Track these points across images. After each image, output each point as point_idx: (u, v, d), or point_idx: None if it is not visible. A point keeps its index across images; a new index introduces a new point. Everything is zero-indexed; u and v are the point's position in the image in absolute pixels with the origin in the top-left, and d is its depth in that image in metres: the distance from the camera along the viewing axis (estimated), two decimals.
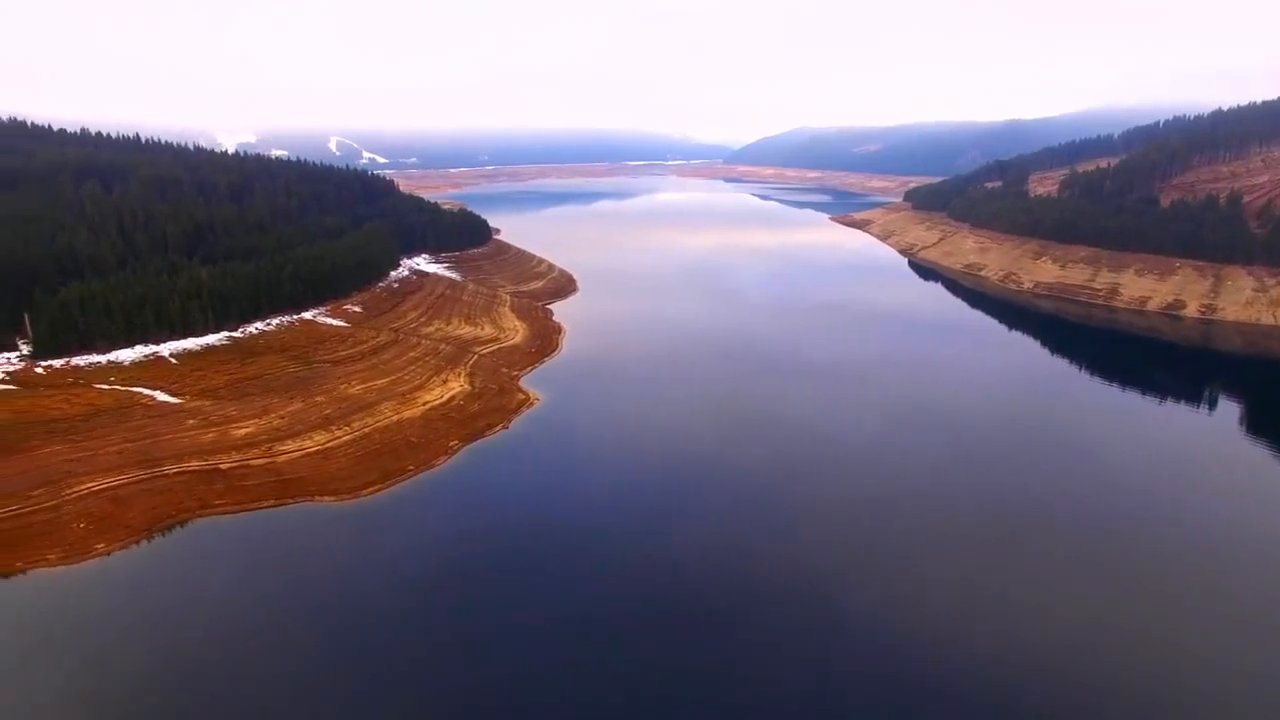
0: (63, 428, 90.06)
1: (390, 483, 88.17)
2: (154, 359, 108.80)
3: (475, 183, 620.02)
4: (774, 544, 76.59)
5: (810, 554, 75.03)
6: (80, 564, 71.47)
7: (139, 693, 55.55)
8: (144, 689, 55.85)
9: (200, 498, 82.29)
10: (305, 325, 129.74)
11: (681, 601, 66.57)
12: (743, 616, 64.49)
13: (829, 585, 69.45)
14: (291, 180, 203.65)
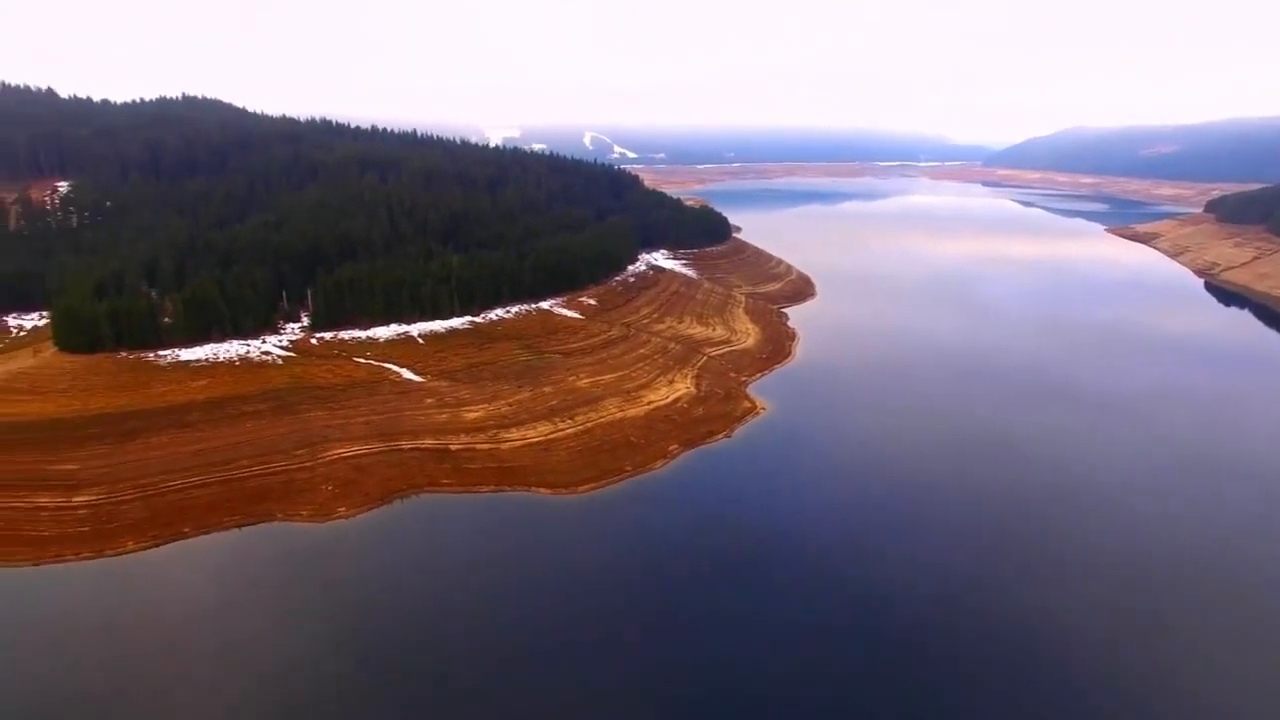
0: (325, 395, 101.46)
1: (606, 481, 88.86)
2: (404, 338, 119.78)
3: (720, 179, 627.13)
4: (992, 591, 67.08)
5: (1033, 613, 64.13)
6: (324, 523, 79.44)
7: (379, 647, 60.04)
8: (386, 644, 60.46)
9: (429, 475, 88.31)
10: (541, 315, 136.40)
11: (893, 633, 59.79)
12: (946, 663, 56.57)
13: (1049, 652, 58.64)
14: (543, 173, 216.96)
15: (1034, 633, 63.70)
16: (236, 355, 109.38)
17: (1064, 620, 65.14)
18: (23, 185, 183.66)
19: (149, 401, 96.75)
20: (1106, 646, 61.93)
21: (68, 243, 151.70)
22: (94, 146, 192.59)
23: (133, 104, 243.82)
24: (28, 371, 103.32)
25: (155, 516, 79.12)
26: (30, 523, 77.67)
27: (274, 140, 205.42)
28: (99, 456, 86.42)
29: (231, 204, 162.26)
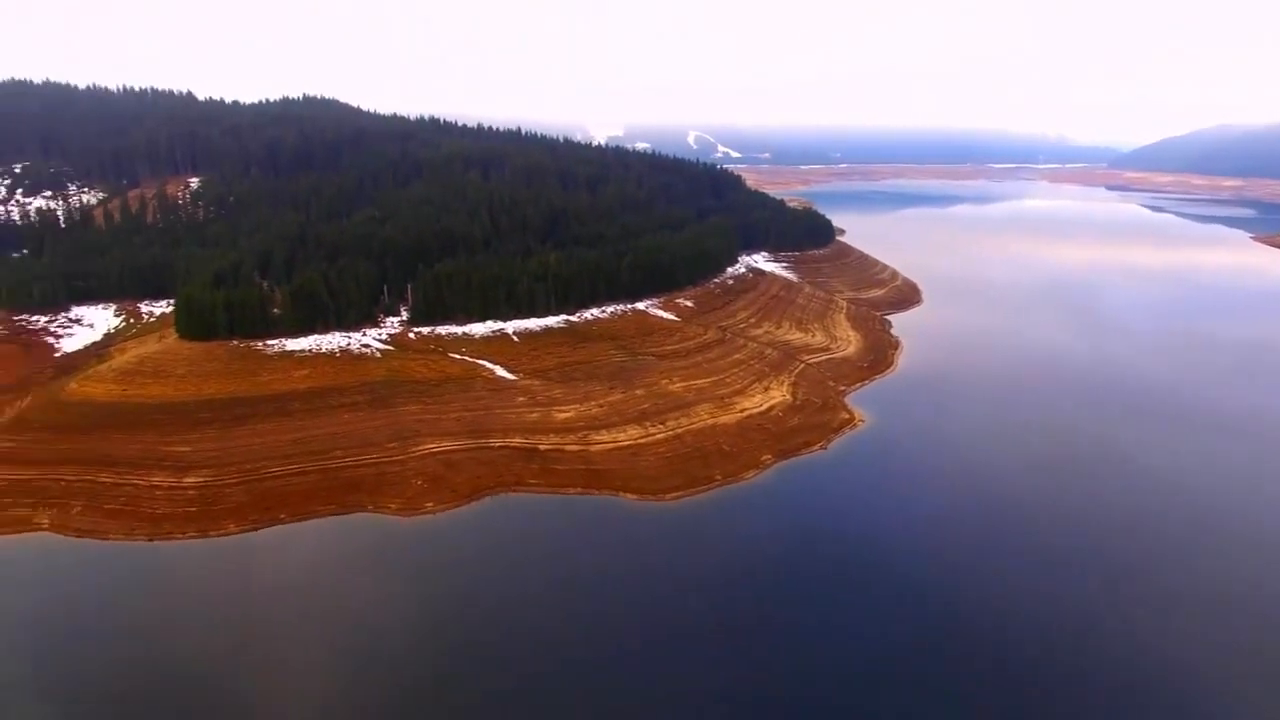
0: (419, 390, 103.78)
1: (695, 489, 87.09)
2: (499, 335, 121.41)
3: (826, 181, 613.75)
4: (1104, 623, 61.95)
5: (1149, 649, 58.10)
6: (412, 517, 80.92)
7: (460, 640, 60.61)
8: (467, 638, 61.17)
9: (517, 474, 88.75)
10: (637, 316, 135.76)
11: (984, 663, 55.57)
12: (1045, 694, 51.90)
13: None
14: (644, 172, 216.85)
15: (1153, 670, 58.07)
16: (338, 347, 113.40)
17: (1187, 661, 59.08)
18: (161, 181, 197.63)
19: (256, 389, 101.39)
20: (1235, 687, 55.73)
21: (194, 235, 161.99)
22: (222, 144, 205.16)
23: (259, 104, 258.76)
24: (152, 356, 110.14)
25: (255, 501, 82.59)
26: (148, 500, 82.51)
27: (384, 138, 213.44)
28: (209, 440, 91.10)
29: (342, 199, 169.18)
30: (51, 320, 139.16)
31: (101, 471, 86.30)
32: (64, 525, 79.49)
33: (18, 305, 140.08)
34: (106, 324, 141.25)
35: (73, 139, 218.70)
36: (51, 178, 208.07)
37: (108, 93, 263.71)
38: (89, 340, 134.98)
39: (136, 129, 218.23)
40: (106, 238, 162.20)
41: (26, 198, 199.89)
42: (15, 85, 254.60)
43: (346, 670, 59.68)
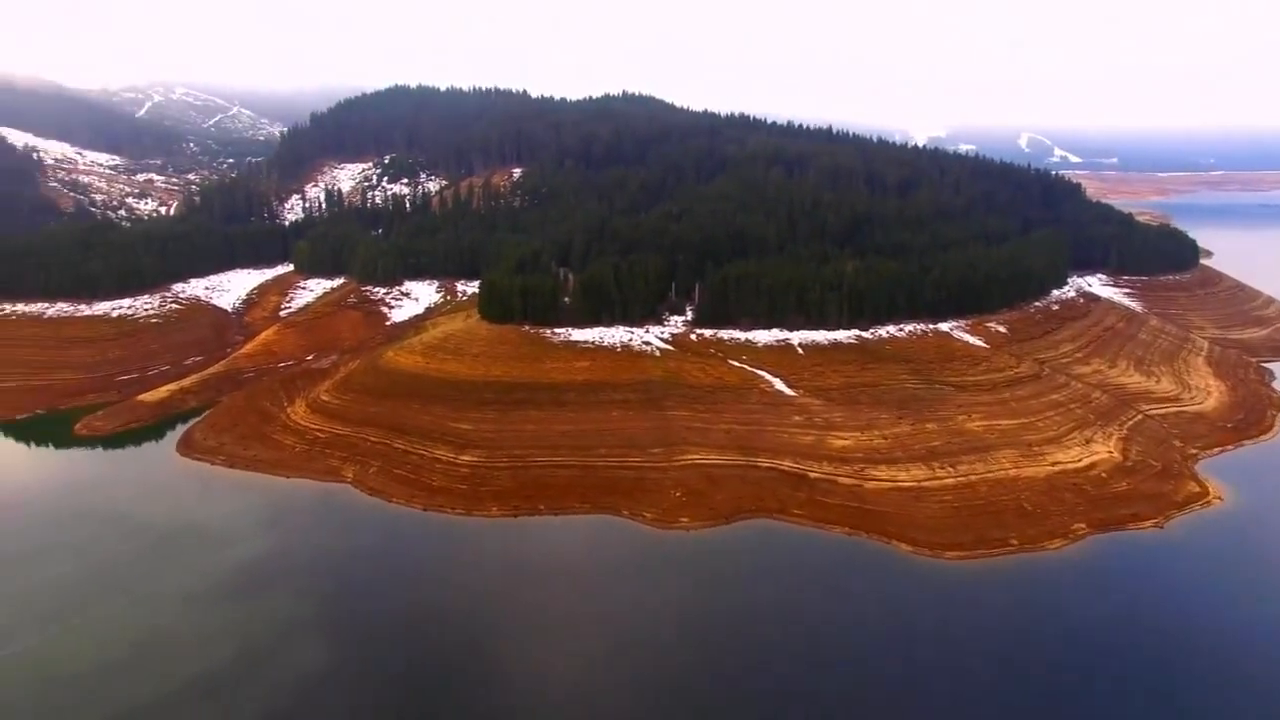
0: (693, 395, 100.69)
1: (982, 551, 73.82)
2: (783, 345, 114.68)
3: (1191, 190, 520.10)
4: None
5: None
6: (665, 529, 77.49)
7: (703, 662, 56.17)
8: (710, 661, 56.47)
9: (781, 501, 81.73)
10: (938, 338, 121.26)
11: None
12: None
13: None
14: (963, 177, 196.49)
15: None
16: (619, 342, 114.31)
17: None
18: (490, 171, 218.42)
19: (538, 376, 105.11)
20: None
21: (510, 221, 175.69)
22: (543, 138, 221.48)
23: (583, 101, 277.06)
24: (455, 333, 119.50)
25: (519, 488, 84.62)
26: (429, 471, 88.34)
27: (692, 133, 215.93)
28: (488, 421, 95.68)
29: (644, 193, 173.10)
30: (388, 292, 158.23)
31: (397, 438, 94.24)
32: (361, 481, 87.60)
33: (367, 277, 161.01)
34: (429, 299, 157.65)
35: (429, 134, 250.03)
36: (409, 168, 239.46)
37: (461, 93, 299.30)
38: (413, 313, 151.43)
39: (476, 124, 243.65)
40: (438, 221, 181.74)
41: (390, 184, 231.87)
42: (395, 90, 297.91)
43: (581, 666, 57.94)
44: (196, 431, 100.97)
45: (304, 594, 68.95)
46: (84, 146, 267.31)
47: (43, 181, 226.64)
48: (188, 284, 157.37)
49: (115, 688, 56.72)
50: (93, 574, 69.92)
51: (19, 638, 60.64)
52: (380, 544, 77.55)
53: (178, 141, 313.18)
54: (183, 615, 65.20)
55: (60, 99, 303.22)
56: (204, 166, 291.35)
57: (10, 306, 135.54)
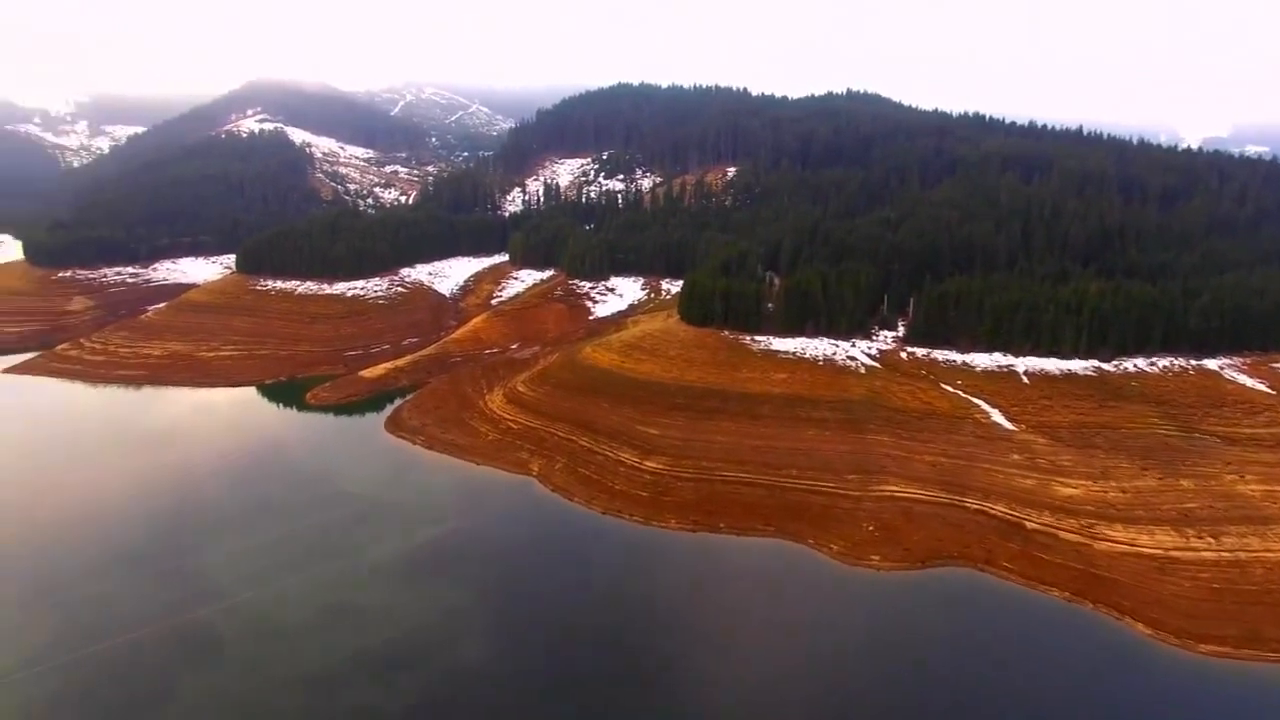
0: (897, 420, 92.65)
1: (1254, 651, 60.88)
2: (1005, 372, 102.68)
3: None
4: None
5: None
6: (851, 565, 71.32)
7: None
8: None
9: (989, 550, 72.58)
10: (1201, 377, 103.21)
11: None
12: None
13: None
14: (1252, 185, 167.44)
15: None
16: (822, 355, 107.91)
17: None
18: (704, 169, 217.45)
19: (732, 384, 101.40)
20: None
21: (720, 220, 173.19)
22: (760, 136, 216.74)
23: (805, 99, 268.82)
24: (653, 333, 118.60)
25: (701, 502, 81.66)
26: (612, 474, 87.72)
27: (919, 133, 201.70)
28: (676, 428, 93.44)
29: (861, 196, 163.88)
30: (594, 287, 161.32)
31: (584, 436, 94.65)
32: (546, 477, 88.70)
33: (575, 271, 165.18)
34: (633, 295, 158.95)
35: (647, 131, 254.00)
36: (626, 164, 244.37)
37: (682, 90, 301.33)
38: (617, 309, 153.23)
39: (694, 121, 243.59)
40: (649, 217, 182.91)
41: (606, 180, 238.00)
42: (618, 88, 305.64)
43: (741, 700, 54.00)
44: (404, 411, 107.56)
45: (478, 582, 70.76)
46: (346, 141, 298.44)
47: (311, 173, 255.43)
48: (414, 269, 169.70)
49: (307, 649, 60.90)
50: (302, 539, 75.53)
51: (234, 593, 66.53)
52: (557, 542, 77.94)
53: (422, 137, 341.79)
54: (371, 587, 68.79)
55: (333, 100, 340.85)
56: (442, 159, 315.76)
57: (272, 283, 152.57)
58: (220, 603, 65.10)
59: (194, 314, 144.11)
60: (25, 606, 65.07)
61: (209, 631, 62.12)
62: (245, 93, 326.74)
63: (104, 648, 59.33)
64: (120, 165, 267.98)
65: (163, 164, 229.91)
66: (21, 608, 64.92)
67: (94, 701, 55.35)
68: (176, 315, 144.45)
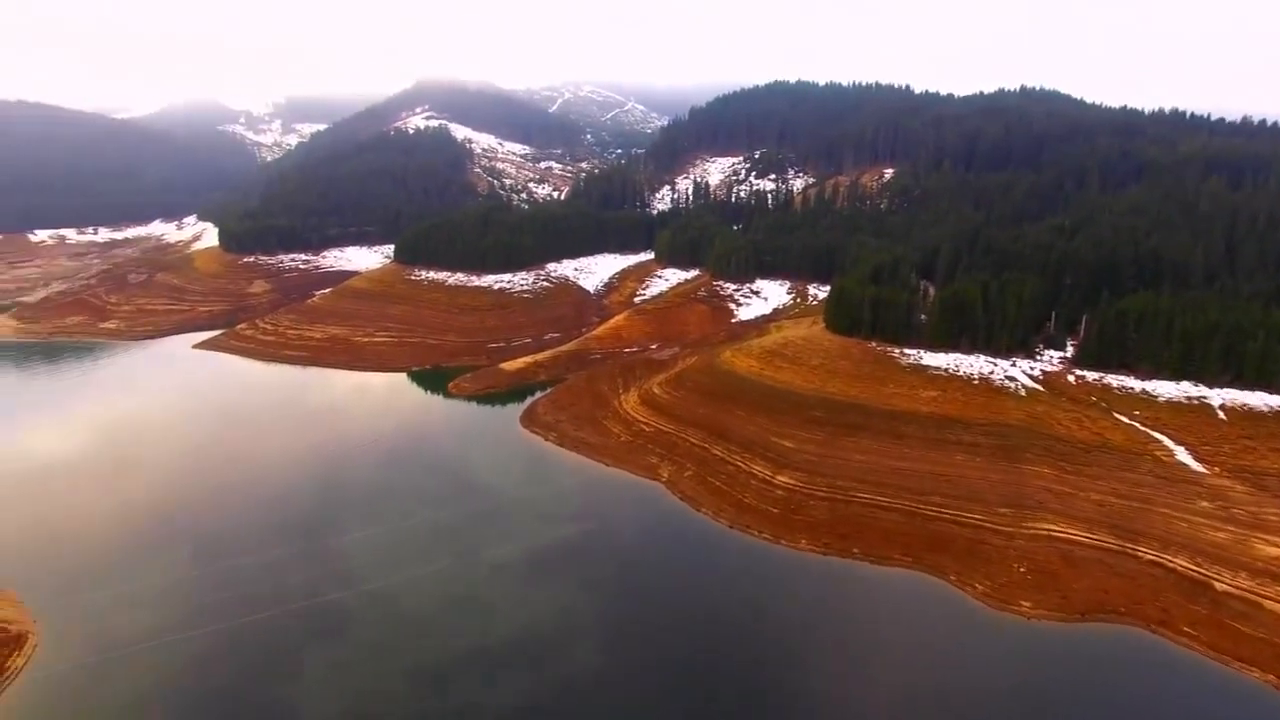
0: (1060, 450, 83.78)
1: None
2: (1195, 405, 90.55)
3: None
4: None
5: None
6: (997, 609, 64.65)
7: None
8: None
9: (1165, 609, 63.76)
10: None
11: None
12: None
13: None
14: None
15: None
16: (977, 373, 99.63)
17: None
18: (860, 170, 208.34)
19: (876, 400, 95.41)
20: None
21: (873, 224, 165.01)
22: (921, 136, 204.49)
23: (972, 96, 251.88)
24: (795, 340, 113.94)
25: (834, 523, 76.89)
26: (742, 486, 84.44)
27: (1100, 133, 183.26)
28: (813, 442, 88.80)
29: (1032, 200, 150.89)
30: (738, 289, 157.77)
31: (717, 444, 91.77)
32: (675, 484, 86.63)
33: (720, 271, 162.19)
34: (778, 299, 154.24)
35: (800, 130, 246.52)
36: (778, 164, 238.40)
37: (839, 88, 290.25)
38: (760, 312, 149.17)
39: (850, 120, 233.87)
40: (798, 219, 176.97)
41: (756, 180, 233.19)
42: (773, 85, 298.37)
43: None
44: (540, 405, 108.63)
45: (599, 586, 69.63)
46: (505, 138, 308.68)
47: (470, 168, 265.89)
48: (560, 264, 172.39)
49: (428, 640, 62.17)
50: (433, 529, 77.37)
51: (366, 579, 68.79)
52: (681, 554, 75.59)
53: (577, 134, 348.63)
54: (494, 583, 69.23)
55: (494, 98, 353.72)
56: (596, 156, 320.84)
57: (425, 273, 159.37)
58: (352, 588, 67.54)
59: (353, 300, 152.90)
60: (182, 573, 69.97)
61: (340, 614, 64.51)
62: (414, 92, 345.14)
63: (245, 622, 62.62)
64: (301, 160, 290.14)
65: (336, 159, 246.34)
66: (179, 574, 69.78)
67: (229, 668, 58.50)
68: (338, 301, 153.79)
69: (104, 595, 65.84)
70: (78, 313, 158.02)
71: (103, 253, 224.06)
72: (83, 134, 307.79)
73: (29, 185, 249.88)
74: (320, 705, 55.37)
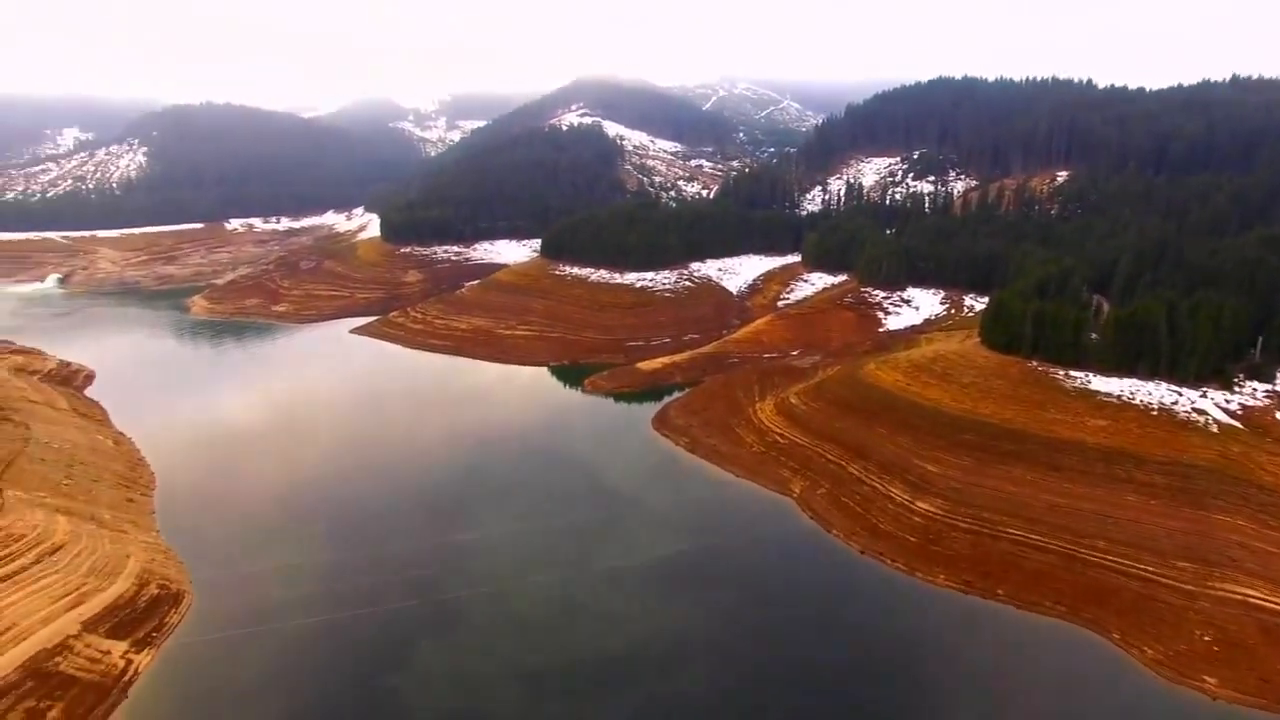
0: (1259, 500, 72.94)
1: None
2: None
3: None
4: None
5: None
6: (1170, 683, 56.44)
7: None
8: None
9: None
10: None
11: None
12: None
13: None
14: None
15: None
16: (1157, 403, 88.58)
17: None
18: (1029, 173, 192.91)
19: (1034, 426, 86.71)
20: None
21: (1040, 233, 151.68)
22: (1102, 135, 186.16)
23: (1166, 90, 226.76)
24: (946, 355, 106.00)
25: (977, 559, 70.28)
26: (878, 509, 79.02)
27: None
28: (959, 468, 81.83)
29: (1236, 208, 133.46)
30: (888, 296, 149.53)
31: (853, 461, 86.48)
32: (806, 501, 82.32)
33: (868, 277, 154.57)
34: (930, 309, 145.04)
35: (965, 129, 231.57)
36: (937, 165, 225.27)
37: (1010, 84, 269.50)
38: (910, 322, 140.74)
39: (1020, 118, 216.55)
40: (956, 224, 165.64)
41: (914, 182, 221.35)
42: (936, 82, 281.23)
43: None
44: (672, 409, 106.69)
45: (718, 604, 66.93)
46: (656, 135, 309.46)
47: (620, 164, 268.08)
48: (703, 263, 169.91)
49: (541, 645, 61.40)
50: (557, 533, 76.75)
51: (492, 580, 68.87)
52: (808, 577, 71.52)
53: (729, 132, 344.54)
54: (612, 592, 67.81)
55: (647, 95, 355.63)
56: (747, 155, 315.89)
57: (569, 269, 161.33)
58: (474, 587, 67.68)
59: (498, 293, 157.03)
60: (323, 555, 72.93)
61: (458, 611, 64.91)
62: (571, 89, 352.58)
63: (369, 612, 64.12)
64: (459, 155, 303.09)
65: (490, 153, 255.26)
66: (320, 556, 72.80)
67: (351, 654, 60.17)
68: (484, 293, 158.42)
69: (252, 567, 69.66)
70: (255, 296, 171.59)
71: (282, 240, 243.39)
72: (275, 131, 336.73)
73: (231, 178, 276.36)
74: (432, 700, 55.80)
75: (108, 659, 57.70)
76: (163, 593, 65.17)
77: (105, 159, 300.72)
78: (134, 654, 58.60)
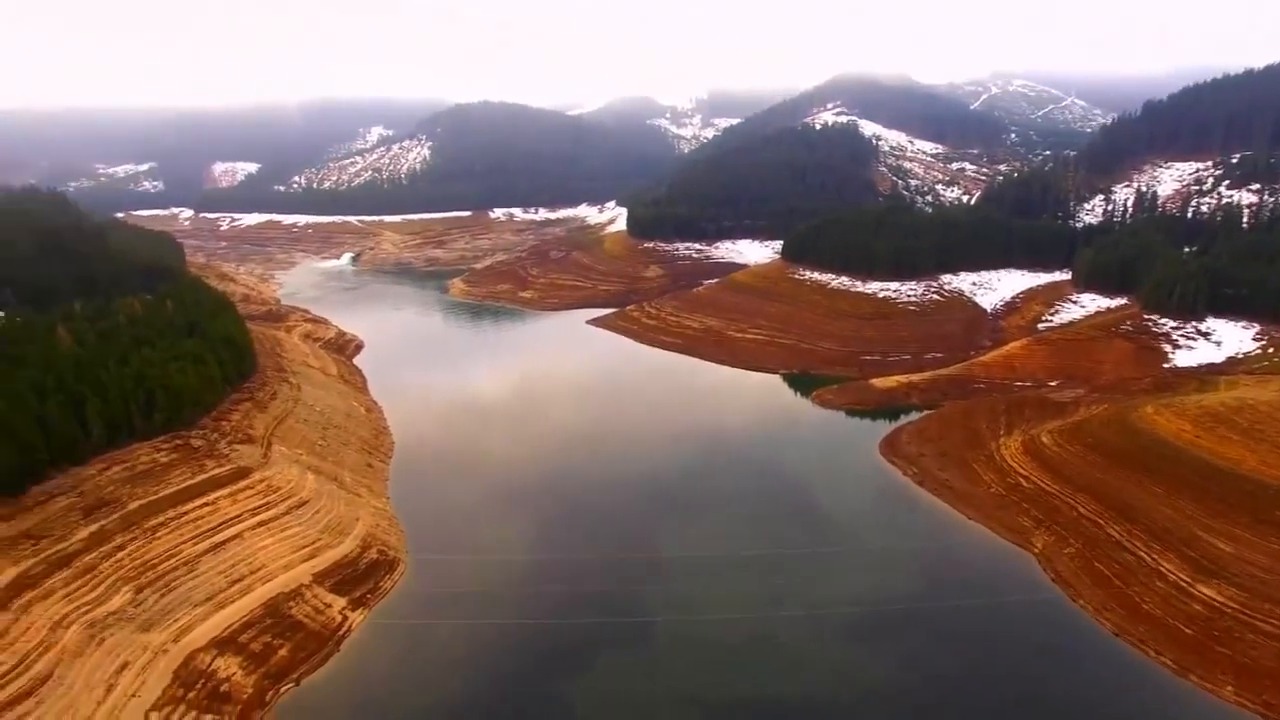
0: None
1: None
2: None
3: None
4: None
5: None
6: None
7: None
8: None
9: None
10: None
11: None
12: None
13: None
14: None
15: None
16: None
17: None
18: None
19: None
20: None
21: None
22: None
23: None
24: (1255, 404, 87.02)
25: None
26: (1142, 585, 66.25)
27: None
28: (1265, 552, 66.07)
29: None
30: (1179, 327, 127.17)
31: (1114, 522, 73.32)
32: (1049, 559, 71.26)
33: (1154, 303, 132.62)
34: (1236, 345, 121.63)
35: None
36: (1267, 169, 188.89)
37: None
38: (1206, 360, 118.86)
39: None
40: None
41: (1230, 190, 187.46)
42: (1273, 68, 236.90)
43: None
44: (904, 434, 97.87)
45: (932, 668, 59.09)
46: (916, 135, 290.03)
47: (874, 165, 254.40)
48: (956, 276, 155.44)
49: (720, 678, 57.89)
50: (762, 563, 71.09)
51: (683, 607, 64.93)
52: (1041, 648, 61.04)
53: (999, 132, 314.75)
54: (812, 637, 62.18)
55: (908, 94, 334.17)
56: (1017, 158, 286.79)
57: (808, 273, 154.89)
58: (665, 612, 64.44)
59: (734, 294, 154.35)
60: (527, 555, 73.33)
61: (643, 633, 62.48)
62: (827, 87, 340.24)
63: (557, 624, 62.52)
64: (710, 152, 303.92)
65: (739, 151, 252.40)
66: (524, 555, 73.24)
67: (530, 663, 59.73)
68: (720, 293, 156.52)
69: (458, 551, 71.38)
70: (506, 281, 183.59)
71: (537, 230, 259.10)
72: (540, 127, 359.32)
73: (497, 170, 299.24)
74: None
75: (329, 611, 62.57)
76: (381, 558, 69.81)
77: (398, 153, 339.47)
78: (349, 611, 63.11)
